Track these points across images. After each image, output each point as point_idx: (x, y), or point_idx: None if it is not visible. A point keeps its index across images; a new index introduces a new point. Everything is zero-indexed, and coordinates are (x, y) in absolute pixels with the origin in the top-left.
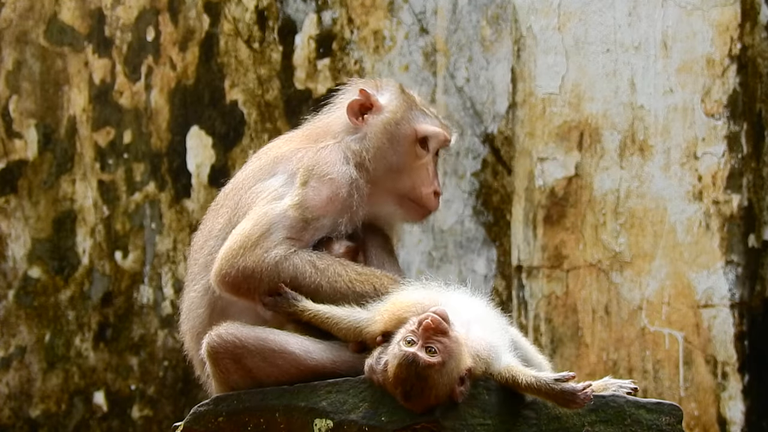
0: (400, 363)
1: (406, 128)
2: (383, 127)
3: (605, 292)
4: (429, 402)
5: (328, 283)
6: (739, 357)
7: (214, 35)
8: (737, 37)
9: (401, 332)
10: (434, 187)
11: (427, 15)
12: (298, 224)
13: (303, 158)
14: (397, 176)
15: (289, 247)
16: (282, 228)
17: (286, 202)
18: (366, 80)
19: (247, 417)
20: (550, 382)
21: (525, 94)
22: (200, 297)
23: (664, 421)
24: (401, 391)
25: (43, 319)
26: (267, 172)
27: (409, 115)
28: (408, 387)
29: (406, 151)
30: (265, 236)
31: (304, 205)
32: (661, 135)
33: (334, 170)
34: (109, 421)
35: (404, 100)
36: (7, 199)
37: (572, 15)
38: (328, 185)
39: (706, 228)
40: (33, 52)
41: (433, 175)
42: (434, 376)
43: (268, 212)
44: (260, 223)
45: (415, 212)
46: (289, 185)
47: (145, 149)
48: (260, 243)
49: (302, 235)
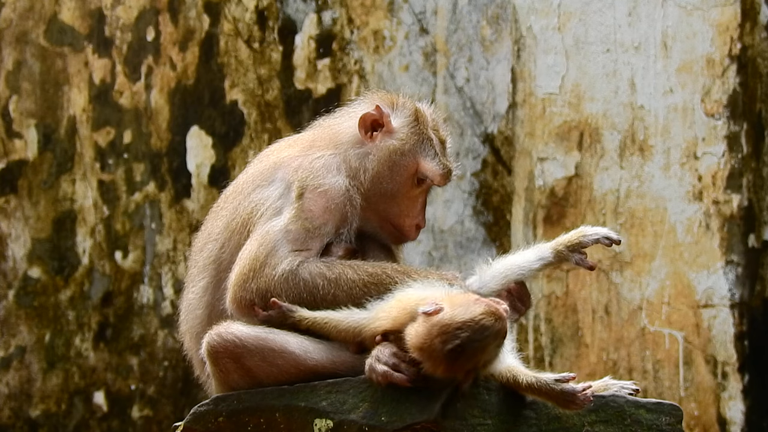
0: (483, 312)
1: (409, 161)
2: (388, 155)
3: (605, 292)
4: (475, 365)
5: (343, 292)
6: (739, 357)
7: (214, 35)
8: (737, 37)
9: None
10: (418, 220)
11: (427, 15)
12: (301, 235)
13: (299, 169)
14: (387, 201)
15: (295, 259)
16: (286, 242)
17: (285, 216)
18: (385, 95)
19: (247, 417)
20: (551, 382)
21: (525, 94)
22: (199, 298)
23: (664, 421)
24: (458, 344)
25: (43, 319)
26: (266, 179)
27: (417, 148)
28: (470, 340)
29: (402, 182)
30: (272, 254)
31: (303, 216)
32: (661, 135)
33: (327, 182)
34: (109, 421)
35: (416, 130)
36: (7, 199)
37: (572, 15)
38: (323, 196)
39: (706, 228)
40: (33, 52)
41: (421, 208)
42: (501, 337)
43: (270, 230)
44: (264, 243)
45: (392, 237)
46: (286, 197)
47: (145, 149)
48: (268, 261)
49: (307, 244)
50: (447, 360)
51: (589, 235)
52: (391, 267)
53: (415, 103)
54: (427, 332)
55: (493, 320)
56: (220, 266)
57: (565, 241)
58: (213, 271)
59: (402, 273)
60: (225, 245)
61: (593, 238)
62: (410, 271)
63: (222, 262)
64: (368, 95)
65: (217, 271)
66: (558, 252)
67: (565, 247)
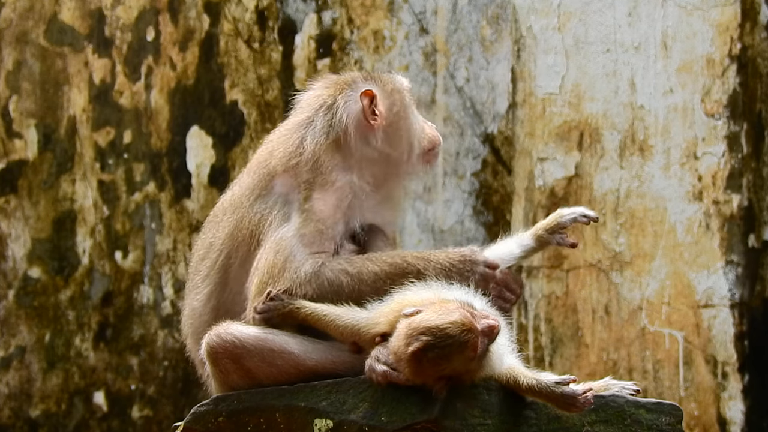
0: (451, 321)
1: (405, 134)
2: (393, 134)
3: (605, 292)
4: (441, 373)
5: (368, 286)
6: (739, 357)
7: (214, 35)
8: (737, 37)
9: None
10: (426, 132)
11: (427, 15)
12: (316, 237)
13: (299, 173)
14: (396, 164)
15: (316, 261)
16: (302, 246)
17: (296, 220)
18: (359, 78)
19: (247, 417)
20: (551, 385)
21: (525, 94)
22: (203, 305)
23: (664, 421)
24: (418, 348)
25: (43, 319)
26: (265, 188)
27: (411, 117)
28: (432, 346)
29: (402, 151)
30: (290, 260)
31: (314, 218)
32: (661, 135)
33: (332, 178)
34: (109, 421)
35: (403, 102)
36: (7, 199)
37: (572, 15)
38: (332, 194)
39: (706, 228)
40: (33, 52)
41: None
42: (468, 350)
43: (283, 237)
44: (280, 250)
45: (428, 161)
46: (291, 204)
47: (145, 149)
48: (287, 266)
49: (323, 246)
50: (411, 363)
51: (566, 216)
52: (409, 254)
53: (387, 77)
54: (398, 334)
55: (459, 330)
56: (227, 274)
57: (544, 225)
58: (218, 279)
59: (421, 258)
60: (232, 256)
61: (570, 217)
62: (428, 256)
63: (229, 270)
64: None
65: (224, 279)
66: (538, 236)
67: (544, 231)
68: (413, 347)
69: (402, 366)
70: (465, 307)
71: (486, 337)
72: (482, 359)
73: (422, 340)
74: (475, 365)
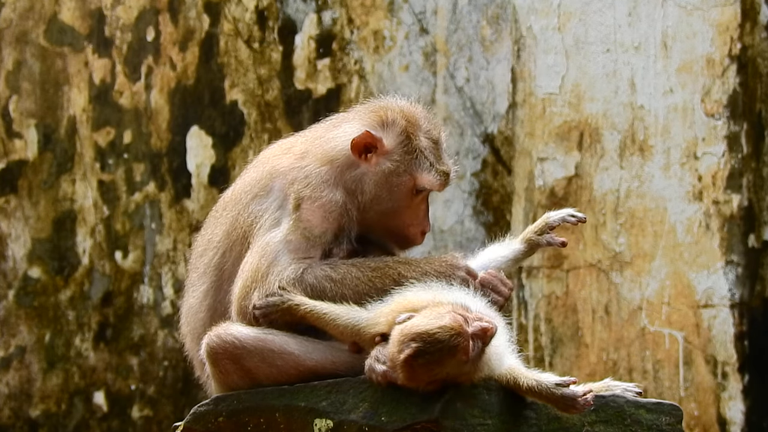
0: (441, 326)
1: (406, 179)
2: (385, 178)
3: (605, 292)
4: (434, 377)
5: (350, 290)
6: (739, 357)
7: (214, 35)
8: (737, 37)
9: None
10: (422, 226)
11: (427, 15)
12: (302, 244)
13: (295, 181)
14: (389, 216)
15: (299, 266)
16: (287, 252)
17: (284, 227)
18: (373, 111)
19: (247, 417)
20: (551, 386)
21: (525, 94)
22: (200, 302)
23: (664, 421)
24: (409, 354)
25: (43, 319)
26: (263, 188)
27: (412, 165)
28: (422, 352)
29: (401, 198)
30: (274, 264)
31: (301, 226)
32: (661, 135)
33: (323, 195)
34: (109, 421)
35: (409, 147)
36: (7, 199)
37: (572, 15)
38: (321, 208)
39: (706, 228)
40: (33, 52)
41: (424, 214)
42: (460, 353)
43: (270, 242)
44: (266, 254)
45: (398, 244)
46: (284, 209)
47: (145, 149)
48: (271, 270)
49: (309, 252)
50: (404, 369)
51: (553, 217)
52: (392, 259)
53: (404, 112)
54: (392, 341)
55: (448, 335)
56: (222, 273)
57: (533, 229)
58: (214, 276)
59: (403, 263)
60: (227, 254)
61: (558, 217)
62: (411, 261)
63: (224, 269)
64: (359, 108)
65: (219, 277)
66: (528, 239)
67: (533, 234)
68: (404, 354)
69: (397, 372)
70: (457, 310)
71: (479, 340)
72: (477, 362)
73: (412, 347)
74: (470, 368)
